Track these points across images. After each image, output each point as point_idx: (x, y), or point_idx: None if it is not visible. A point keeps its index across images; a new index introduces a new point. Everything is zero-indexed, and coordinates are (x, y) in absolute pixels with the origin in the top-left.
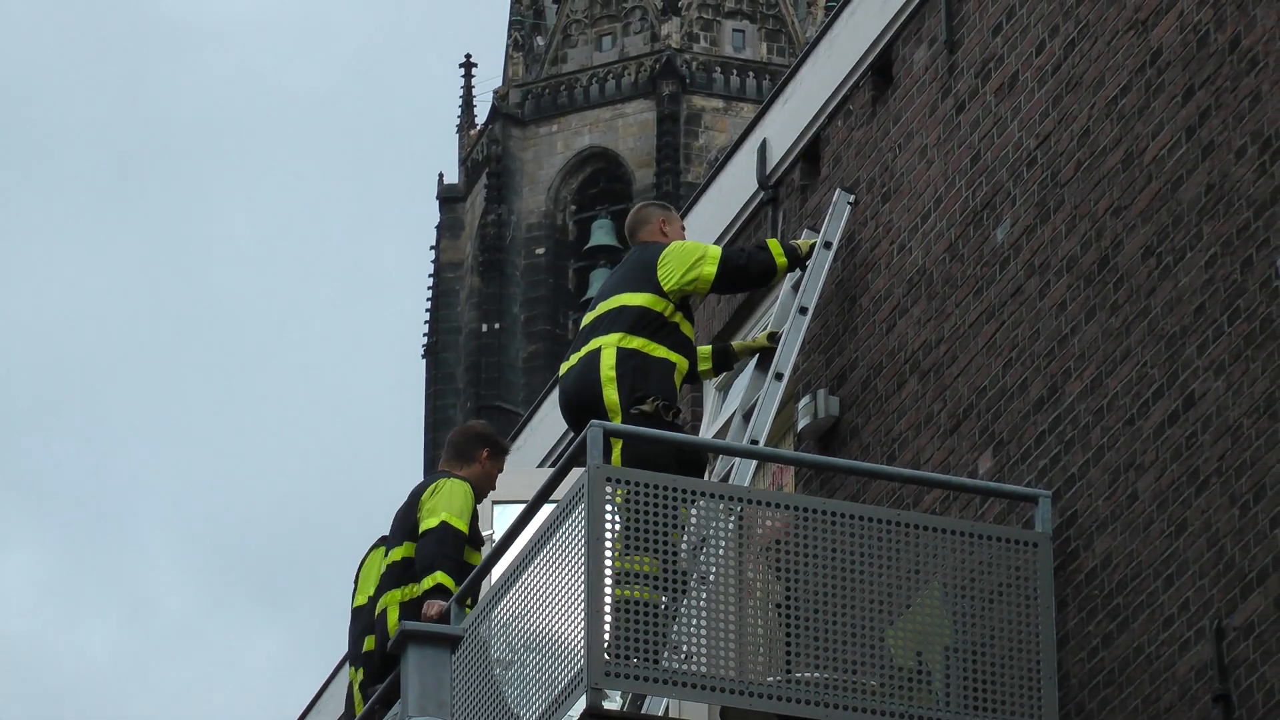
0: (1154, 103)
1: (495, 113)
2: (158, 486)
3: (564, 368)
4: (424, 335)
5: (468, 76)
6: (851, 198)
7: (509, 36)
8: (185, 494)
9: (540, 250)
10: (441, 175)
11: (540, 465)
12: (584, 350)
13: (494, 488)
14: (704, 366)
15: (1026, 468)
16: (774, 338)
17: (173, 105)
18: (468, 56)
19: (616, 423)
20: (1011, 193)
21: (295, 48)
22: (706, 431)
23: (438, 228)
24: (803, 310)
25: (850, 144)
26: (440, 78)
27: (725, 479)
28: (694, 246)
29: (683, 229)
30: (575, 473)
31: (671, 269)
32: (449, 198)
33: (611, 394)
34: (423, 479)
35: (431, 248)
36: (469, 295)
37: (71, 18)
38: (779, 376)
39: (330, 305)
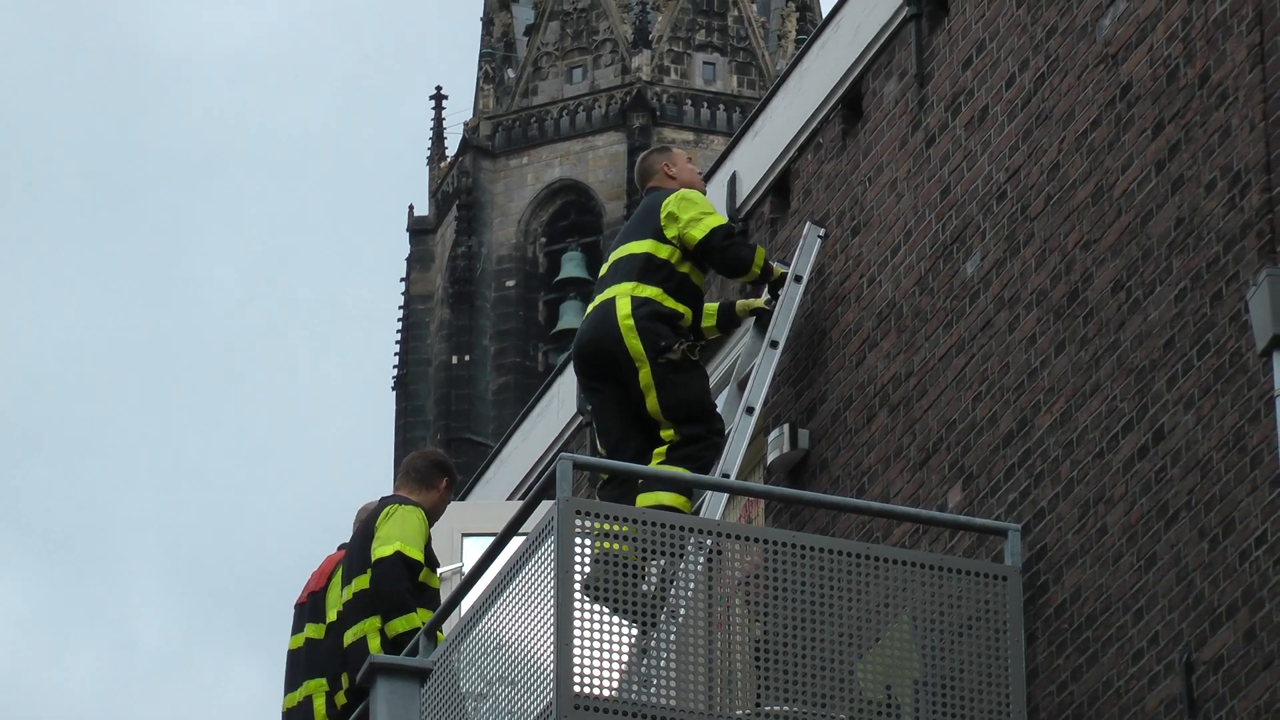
0: (1124, 137)
1: (465, 145)
2: (140, 519)
3: (584, 317)
4: (394, 367)
5: (438, 109)
6: (821, 231)
7: (479, 69)
8: (166, 526)
9: (510, 283)
10: (412, 207)
11: (510, 498)
12: (599, 299)
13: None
14: (708, 323)
15: (996, 501)
16: (772, 298)
17: (157, 140)
18: (438, 89)
19: (644, 370)
20: (981, 226)
21: (270, 80)
22: None
23: (408, 260)
24: (773, 344)
25: (820, 177)
26: (411, 110)
27: (696, 512)
28: (697, 203)
29: (689, 160)
30: (544, 505)
31: (674, 213)
32: (419, 230)
33: (635, 342)
34: (376, 504)
35: (401, 280)
36: (439, 327)
37: (59, 54)
38: (750, 410)
39: (302, 338)
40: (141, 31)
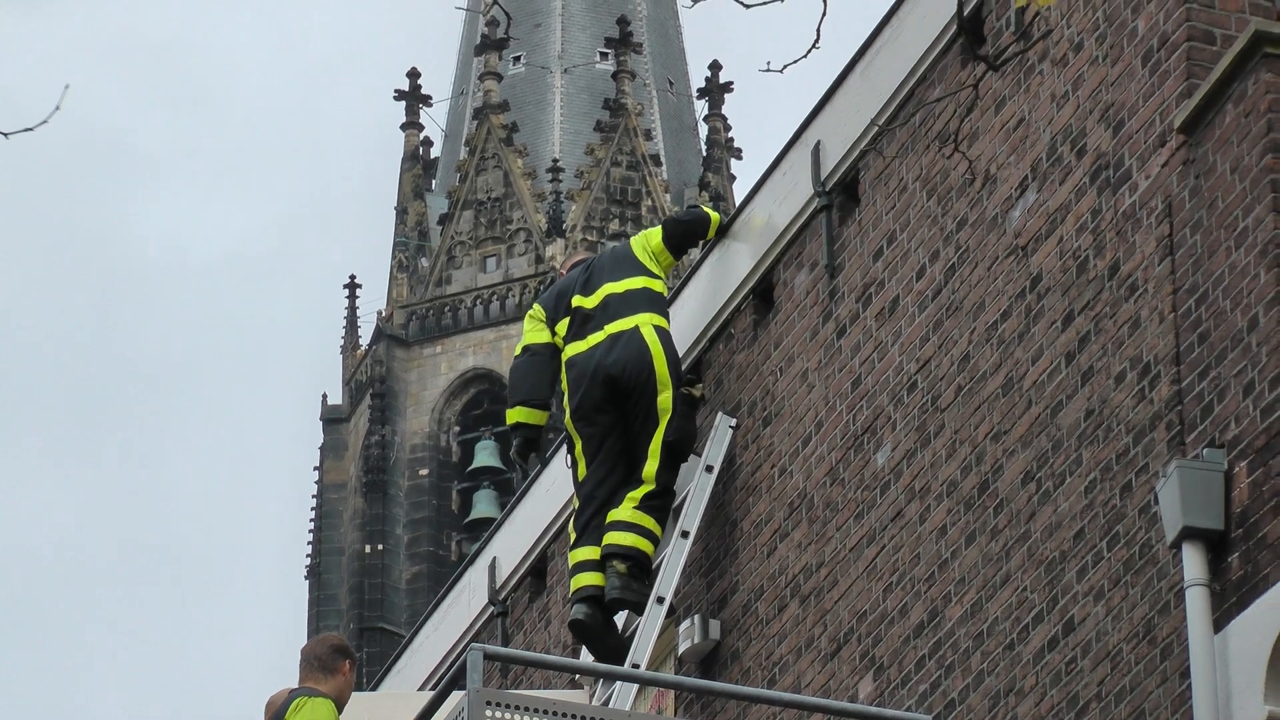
0: (1034, 328)
1: (379, 334)
2: (101, 713)
3: (577, 349)
4: (307, 556)
5: (352, 297)
6: (733, 421)
7: (393, 257)
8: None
9: (424, 471)
10: (325, 396)
11: (421, 688)
12: (612, 328)
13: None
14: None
15: (907, 692)
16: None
17: (121, 344)
18: (352, 277)
19: (665, 395)
20: (892, 417)
21: (193, 280)
22: (588, 655)
23: (321, 448)
24: (684, 534)
25: (731, 367)
26: (325, 299)
27: (606, 703)
28: (647, 233)
29: None
30: (455, 695)
31: (649, 251)
32: (332, 419)
33: (663, 369)
34: (286, 696)
35: (315, 468)
36: (352, 516)
37: (37, 260)
38: (660, 600)
39: (216, 529)
40: (102, 238)
